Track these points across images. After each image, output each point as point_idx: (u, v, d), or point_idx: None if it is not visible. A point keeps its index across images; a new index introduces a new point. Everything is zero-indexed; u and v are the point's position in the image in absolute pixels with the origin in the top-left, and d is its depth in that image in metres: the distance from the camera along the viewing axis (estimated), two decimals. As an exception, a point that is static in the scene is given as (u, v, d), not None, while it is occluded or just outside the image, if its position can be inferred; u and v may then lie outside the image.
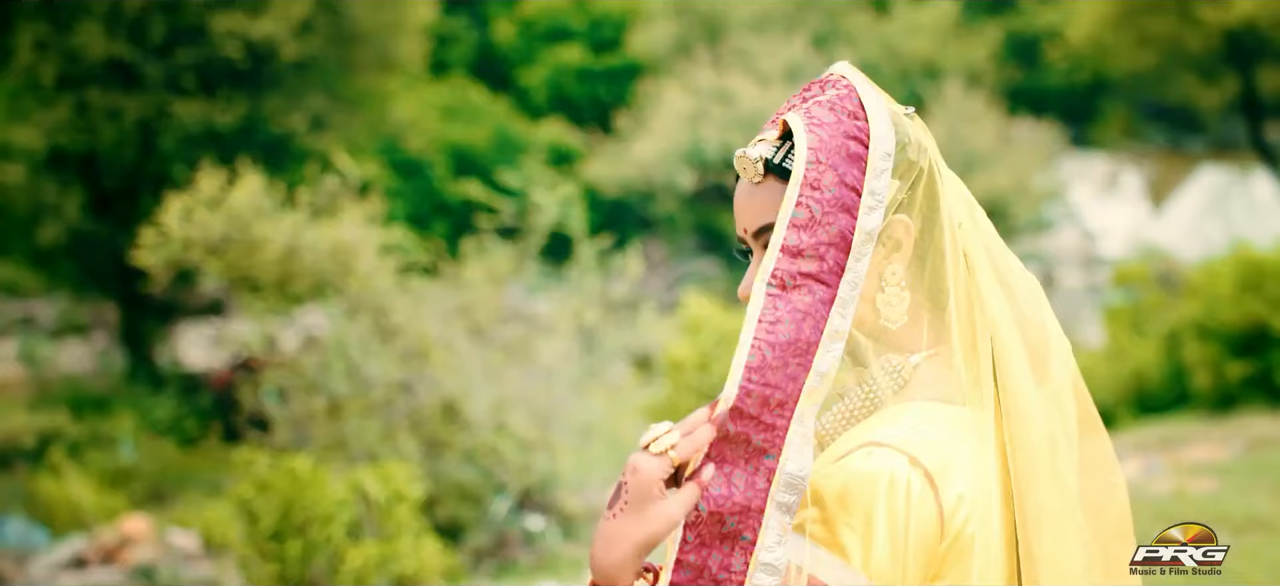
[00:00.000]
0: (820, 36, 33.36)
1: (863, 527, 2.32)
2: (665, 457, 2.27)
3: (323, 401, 14.19)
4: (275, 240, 14.02)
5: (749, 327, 2.34)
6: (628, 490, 2.27)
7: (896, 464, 2.35)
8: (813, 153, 2.40)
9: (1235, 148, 38.35)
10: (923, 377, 2.51)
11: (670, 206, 31.78)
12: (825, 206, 2.38)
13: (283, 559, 11.46)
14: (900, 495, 2.33)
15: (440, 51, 36.06)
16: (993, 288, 2.55)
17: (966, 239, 2.55)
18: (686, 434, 2.29)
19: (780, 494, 2.32)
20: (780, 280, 2.36)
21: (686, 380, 16.08)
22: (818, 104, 2.49)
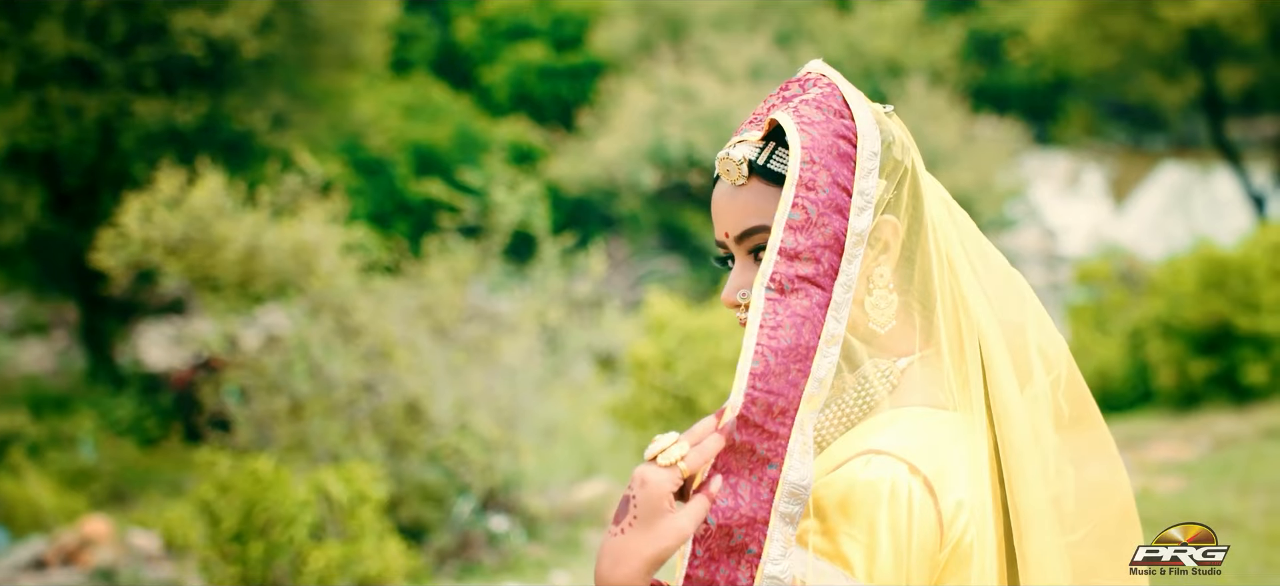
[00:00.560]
0: (783, 34, 33.34)
1: (866, 538, 2.29)
2: (675, 470, 2.22)
3: (285, 401, 14.10)
4: (236, 240, 13.95)
5: (751, 333, 2.31)
6: (636, 504, 2.22)
7: (897, 472, 2.32)
8: (806, 152, 2.37)
9: (1196, 145, 38.49)
10: (912, 381, 2.48)
11: (633, 205, 31.73)
12: (820, 207, 2.35)
13: (244, 560, 11.36)
14: (902, 504, 2.30)
15: (402, 50, 35.96)
16: (975, 289, 2.52)
17: (946, 239, 2.51)
18: (694, 444, 2.24)
19: (783, 504, 2.28)
20: (779, 283, 2.33)
21: (650, 379, 16.04)
22: (804, 102, 2.45)
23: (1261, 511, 11.66)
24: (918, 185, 2.50)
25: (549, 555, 13.98)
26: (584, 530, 14.77)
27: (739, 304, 2.49)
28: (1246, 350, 18.22)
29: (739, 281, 2.49)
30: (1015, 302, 2.59)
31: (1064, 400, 2.60)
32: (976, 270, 2.54)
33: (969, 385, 2.48)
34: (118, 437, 21.98)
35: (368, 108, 30.57)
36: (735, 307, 2.50)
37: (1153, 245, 31.36)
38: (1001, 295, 2.58)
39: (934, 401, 2.46)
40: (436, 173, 28.74)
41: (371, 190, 32.27)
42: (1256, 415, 16.74)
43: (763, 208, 2.43)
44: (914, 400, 2.45)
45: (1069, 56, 34.26)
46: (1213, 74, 32.16)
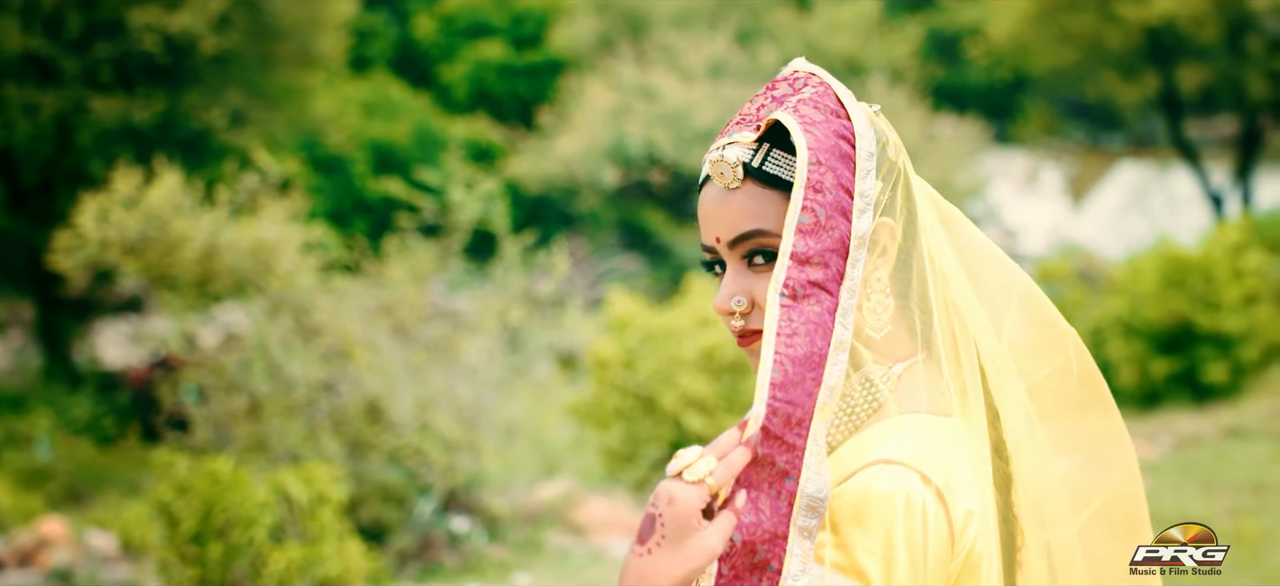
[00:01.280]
0: (743, 33, 33.32)
1: (882, 550, 2.23)
2: (703, 486, 2.15)
3: (243, 401, 14.02)
4: (194, 238, 13.86)
5: (769, 342, 2.25)
6: (664, 523, 2.14)
7: (911, 483, 2.27)
8: (813, 153, 2.32)
9: (1153, 144, 38.66)
10: (909, 386, 2.43)
11: (593, 203, 31.68)
12: (827, 210, 2.31)
13: (203, 562, 11.28)
14: (917, 515, 2.25)
15: (360, 47, 35.82)
16: (967, 290, 2.49)
17: (938, 240, 2.48)
18: (720, 459, 2.18)
19: (801, 518, 2.22)
20: (792, 289, 2.28)
21: (611, 378, 15.98)
22: (803, 102, 2.39)
23: (1227, 511, 11.68)
24: (910, 187, 2.46)
25: (511, 556, 13.93)
26: (546, 530, 14.72)
27: (734, 311, 2.43)
28: (1207, 349, 18.28)
29: (733, 287, 2.43)
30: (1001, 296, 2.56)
31: (1075, 386, 2.60)
32: (971, 269, 2.51)
33: (966, 389, 2.44)
34: (74, 437, 21.82)
35: (326, 105, 30.44)
36: (729, 315, 2.44)
37: (1111, 244, 31.45)
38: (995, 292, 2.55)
39: (932, 407, 2.41)
40: (395, 171, 28.61)
41: (329, 188, 32.14)
42: (1218, 414, 16.80)
43: (758, 211, 2.38)
44: (913, 406, 2.41)
45: (1028, 55, 34.34)
46: (1171, 73, 32.28)
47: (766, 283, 2.37)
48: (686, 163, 29.68)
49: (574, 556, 13.88)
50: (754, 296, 2.40)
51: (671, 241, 30.51)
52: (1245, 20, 30.43)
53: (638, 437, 15.90)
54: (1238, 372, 18.39)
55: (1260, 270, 19.30)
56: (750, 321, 2.42)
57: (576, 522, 15.02)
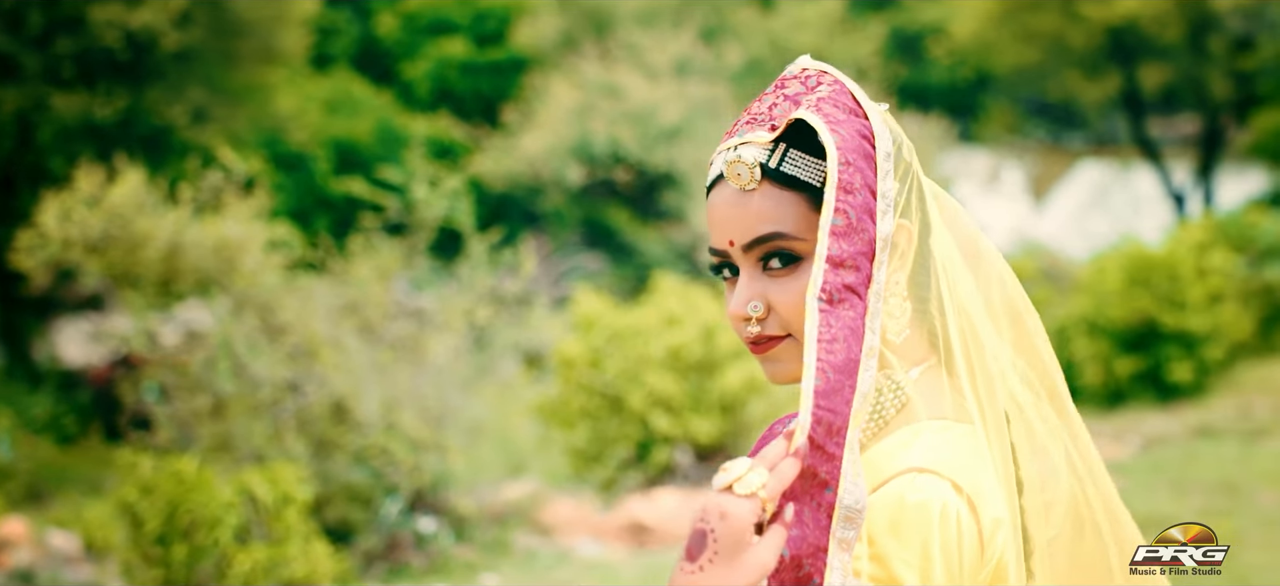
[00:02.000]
0: (708, 30, 33.32)
1: (919, 561, 2.19)
2: (756, 499, 2.08)
3: (207, 400, 13.93)
4: (158, 237, 13.77)
5: (811, 349, 2.18)
6: (717, 539, 2.06)
7: (945, 492, 2.23)
8: (841, 153, 2.27)
9: (1114, 143, 38.75)
10: (925, 391, 2.38)
11: (557, 201, 31.63)
12: (857, 212, 2.26)
13: (168, 563, 11.20)
14: (952, 525, 2.21)
15: (322, 44, 35.67)
16: (972, 292, 2.45)
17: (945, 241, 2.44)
18: (769, 470, 2.11)
19: (840, 529, 2.16)
20: (828, 294, 2.22)
21: (577, 378, 15.93)
22: (823, 101, 2.34)
23: (1198, 511, 11.68)
24: (922, 187, 2.42)
25: (478, 556, 13.87)
26: (513, 531, 14.67)
27: (750, 316, 2.36)
28: (1171, 348, 18.30)
29: (749, 292, 2.36)
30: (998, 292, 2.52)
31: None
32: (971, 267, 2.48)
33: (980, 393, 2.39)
34: (34, 435, 21.65)
35: (288, 103, 30.31)
36: (744, 321, 2.37)
37: (1073, 242, 31.47)
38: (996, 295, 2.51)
39: (947, 412, 2.37)
40: (357, 168, 28.52)
41: (291, 186, 31.99)
42: (1184, 414, 16.81)
43: (776, 213, 2.32)
44: (933, 410, 2.37)
45: (991, 54, 34.41)
46: (1133, 72, 32.38)
47: (782, 287, 2.33)
48: (651, 161, 29.66)
49: (541, 557, 13.82)
50: (770, 301, 2.34)
51: (636, 240, 30.47)
52: (1207, 20, 30.55)
53: (604, 437, 15.86)
54: (1203, 372, 18.41)
55: (1225, 269, 19.32)
56: (766, 327, 2.36)
57: (543, 523, 14.97)
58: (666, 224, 30.79)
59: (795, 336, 2.34)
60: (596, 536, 14.57)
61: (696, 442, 15.76)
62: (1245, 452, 14.33)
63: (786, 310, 2.32)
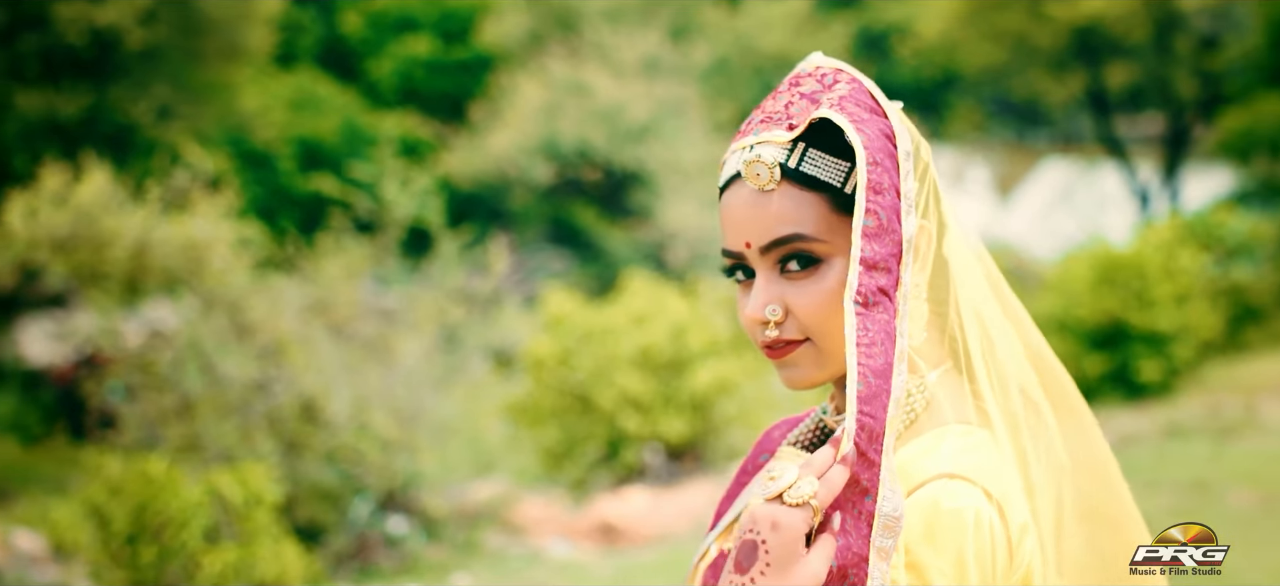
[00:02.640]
0: (675, 29, 33.32)
1: (954, 569, 2.14)
2: (808, 508, 2.03)
3: (174, 400, 13.83)
4: (125, 236, 13.67)
5: (851, 354, 2.12)
6: (768, 550, 2.01)
7: (977, 499, 2.18)
8: (869, 153, 2.20)
9: (1079, 141, 38.88)
10: (944, 395, 2.33)
11: (525, 199, 31.59)
12: (887, 213, 2.19)
13: (136, 564, 11.11)
14: (985, 532, 2.17)
15: (287, 42, 35.55)
16: (984, 292, 2.41)
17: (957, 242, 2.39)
18: (819, 477, 2.06)
19: (879, 538, 2.09)
20: (863, 297, 2.16)
21: (547, 377, 15.89)
22: (844, 99, 2.27)
23: (1169, 511, 11.65)
24: (937, 188, 2.36)
25: (449, 557, 13.81)
26: (483, 530, 14.61)
27: (768, 320, 2.29)
28: (1139, 347, 18.32)
29: (767, 295, 2.29)
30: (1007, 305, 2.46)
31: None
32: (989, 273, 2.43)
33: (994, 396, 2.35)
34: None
35: (252, 100, 30.25)
36: (762, 325, 2.30)
37: (1039, 241, 31.56)
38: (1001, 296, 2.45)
39: (968, 416, 2.32)
40: (322, 166, 28.43)
41: (256, 183, 31.88)
42: (1153, 413, 16.82)
43: (796, 215, 2.25)
44: (952, 415, 2.31)
45: (957, 53, 34.48)
46: (1099, 71, 32.47)
47: (801, 290, 2.27)
48: (619, 159, 29.63)
49: (512, 557, 13.77)
50: (788, 304, 2.28)
51: (602, 238, 30.43)
52: (1174, 19, 30.67)
53: (574, 437, 15.82)
54: (1171, 371, 18.45)
55: (1192, 269, 19.37)
56: (784, 331, 2.29)
57: (513, 522, 14.93)
58: (634, 222, 30.78)
59: (814, 340, 2.28)
60: (567, 536, 14.54)
61: (666, 442, 15.74)
62: (1216, 452, 14.33)
63: (805, 313, 2.26)
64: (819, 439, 2.50)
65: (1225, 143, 30.42)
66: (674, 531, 14.29)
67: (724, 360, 16.17)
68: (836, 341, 2.25)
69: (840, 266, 2.24)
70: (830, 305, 2.24)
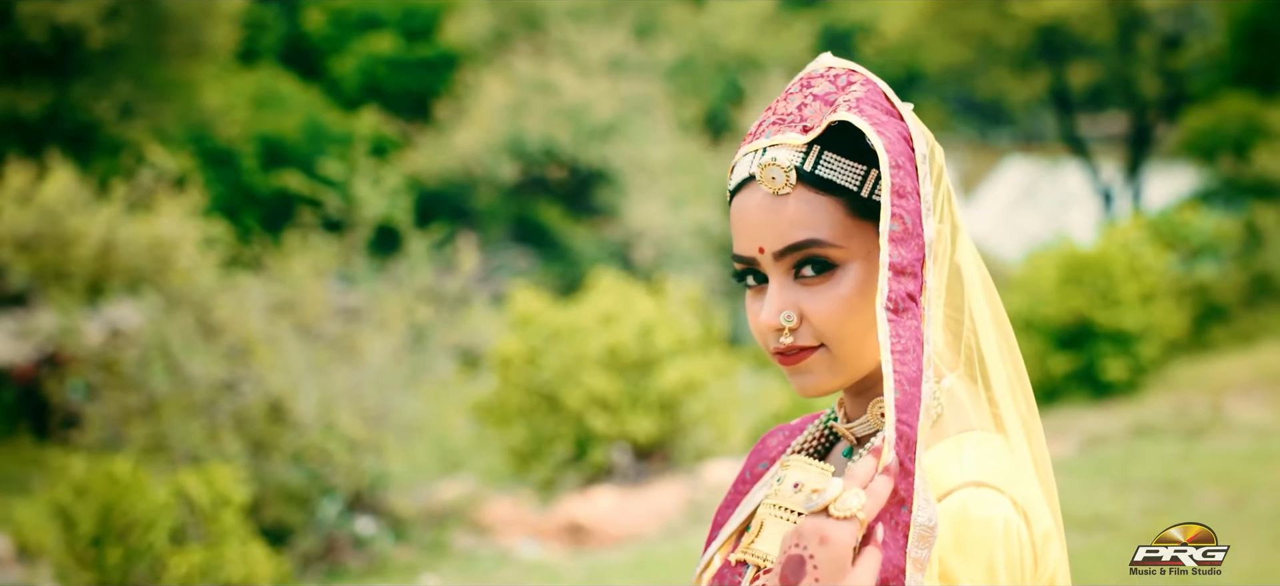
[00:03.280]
0: (640, 27, 33.31)
1: (984, 578, 2.11)
2: (855, 521, 1.95)
3: (139, 399, 13.74)
4: (90, 235, 13.58)
5: (887, 362, 2.07)
6: (817, 565, 1.94)
7: (1005, 507, 2.14)
8: (891, 157, 2.15)
9: (1041, 140, 38.99)
10: (958, 401, 2.29)
11: (490, 198, 31.54)
12: (912, 217, 2.14)
13: (102, 566, 11.04)
14: (1015, 541, 2.13)
15: (250, 39, 35.42)
16: (994, 296, 2.37)
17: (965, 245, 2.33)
18: (863, 488, 1.99)
19: (914, 549, 2.04)
20: (894, 303, 2.11)
21: (515, 377, 15.83)
22: (862, 101, 2.22)
23: (1139, 510, 11.68)
24: (950, 191, 2.31)
25: (417, 557, 13.75)
26: (451, 531, 14.55)
27: (783, 327, 2.24)
28: (1105, 346, 18.36)
29: (781, 302, 2.24)
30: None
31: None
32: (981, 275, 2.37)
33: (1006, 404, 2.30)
34: (-42, 434, 21.41)
35: (215, 98, 30.13)
36: (776, 332, 2.25)
37: (1002, 240, 31.61)
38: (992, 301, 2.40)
39: (980, 423, 2.28)
40: (285, 164, 28.33)
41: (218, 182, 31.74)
42: (1121, 412, 16.86)
43: (812, 219, 2.20)
44: (968, 422, 2.27)
45: (920, 52, 34.54)
46: (1062, 70, 32.57)
47: (816, 296, 2.22)
48: (585, 157, 29.60)
49: (481, 558, 13.72)
50: (802, 310, 2.23)
51: (567, 237, 30.40)
52: (1137, 18, 30.78)
53: (541, 436, 15.77)
54: (1137, 370, 18.49)
55: (1158, 268, 19.42)
56: (799, 337, 2.24)
57: (481, 522, 14.87)
58: (599, 221, 30.75)
59: (830, 346, 2.24)
60: (534, 536, 14.49)
61: (634, 441, 15.70)
62: (1186, 451, 14.37)
63: (820, 320, 2.22)
64: (826, 446, 2.45)
65: (1189, 142, 30.54)
66: (643, 531, 14.26)
67: (691, 359, 16.15)
68: (852, 347, 2.22)
69: (856, 271, 2.21)
70: (846, 311, 2.20)
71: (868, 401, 2.32)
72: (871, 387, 2.31)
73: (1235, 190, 27.13)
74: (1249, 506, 12.06)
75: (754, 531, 2.33)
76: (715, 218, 27.99)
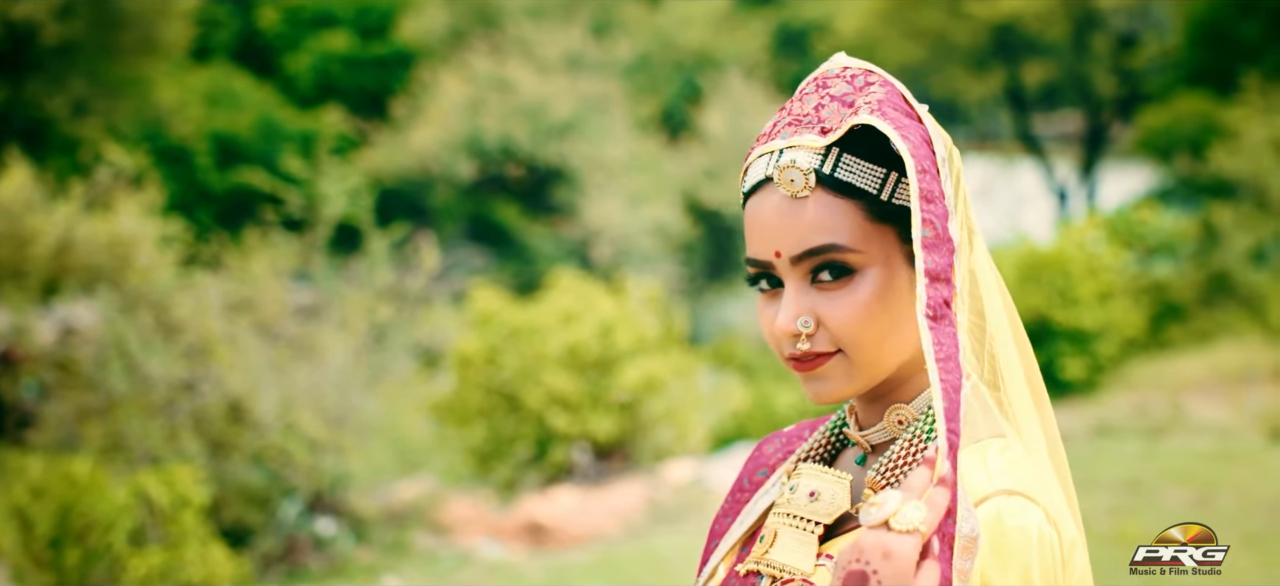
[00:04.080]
0: (597, 25, 33.29)
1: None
2: (917, 535, 1.89)
3: (97, 399, 13.64)
4: (48, 233, 13.47)
5: (933, 370, 2.03)
6: (880, 580, 1.88)
7: (1038, 515, 2.11)
8: (917, 161, 2.11)
9: (996, 139, 39.12)
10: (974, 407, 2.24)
11: (446, 196, 31.47)
12: (941, 221, 2.10)
13: (60, 567, 10.98)
14: (1049, 550, 2.10)
15: (203, 36, 35.25)
16: (1010, 302, 2.33)
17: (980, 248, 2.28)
18: (920, 500, 1.93)
19: (959, 561, 1.99)
20: (933, 310, 2.06)
21: (474, 376, 15.78)
22: (883, 103, 2.19)
23: (1105, 510, 11.71)
24: (966, 193, 2.26)
25: (378, 558, 13.68)
26: (411, 531, 14.49)
27: (800, 332, 2.20)
28: (1063, 344, 18.42)
29: (798, 307, 2.19)
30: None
31: None
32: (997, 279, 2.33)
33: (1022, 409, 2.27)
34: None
35: (168, 95, 29.98)
36: (793, 337, 2.21)
37: (958, 238, 31.66)
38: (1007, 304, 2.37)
39: (996, 429, 2.24)
40: (239, 162, 28.21)
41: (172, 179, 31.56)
42: (1080, 411, 16.92)
43: (831, 223, 2.16)
44: (982, 429, 2.23)
45: (876, 50, 34.57)
46: (1016, 69, 32.70)
47: (833, 301, 2.18)
48: (543, 155, 29.57)
49: (442, 558, 13.67)
50: (820, 316, 2.19)
51: (523, 235, 30.36)
52: (1092, 18, 30.93)
53: (501, 435, 15.72)
54: (1095, 369, 18.55)
55: (1115, 266, 19.49)
56: (815, 343, 2.20)
57: (440, 523, 14.81)
58: (557, 219, 30.73)
59: (847, 352, 2.20)
60: (494, 536, 14.44)
61: (595, 441, 15.66)
62: (1148, 451, 14.44)
63: (838, 325, 2.18)
64: (834, 452, 2.40)
65: (1145, 141, 30.69)
66: (603, 531, 14.23)
67: (651, 358, 16.12)
68: (870, 354, 2.19)
69: (874, 276, 2.17)
70: (865, 316, 2.17)
71: (884, 408, 2.29)
72: (887, 394, 2.28)
73: (1191, 189, 27.26)
74: (1213, 506, 12.11)
75: (767, 541, 2.30)
76: (673, 216, 28.00)
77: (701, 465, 15.83)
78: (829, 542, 2.24)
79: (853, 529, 2.23)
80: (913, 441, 2.22)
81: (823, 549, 2.24)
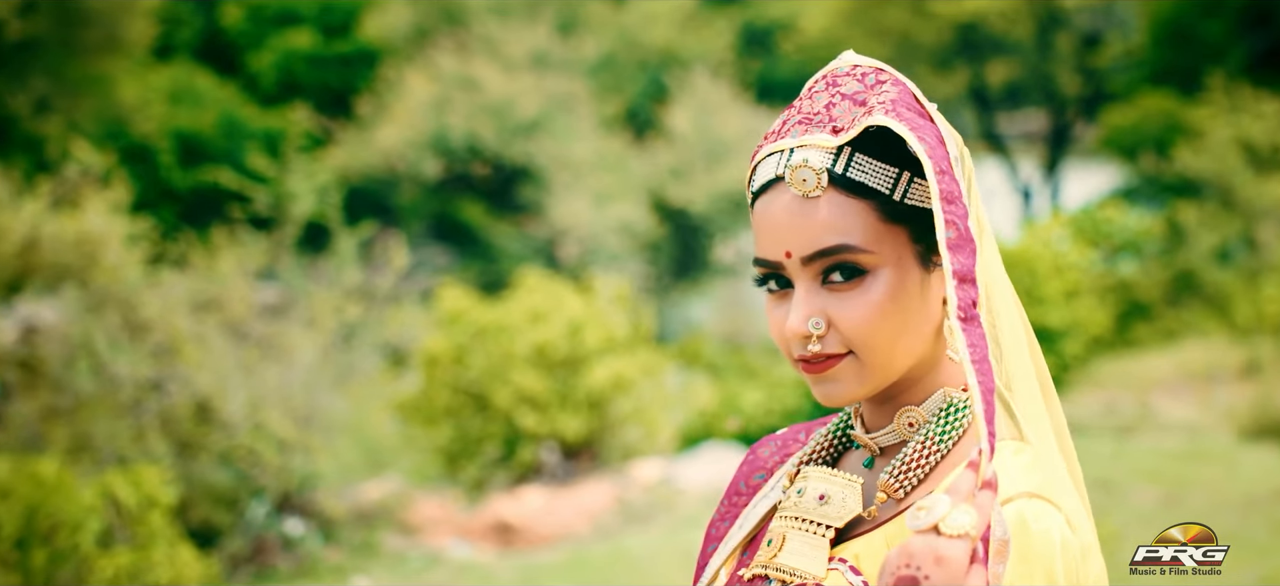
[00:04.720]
0: (562, 23, 33.27)
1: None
2: (967, 540, 1.87)
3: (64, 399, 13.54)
4: (14, 231, 13.38)
5: (971, 373, 2.02)
6: (932, 585, 1.86)
7: (1060, 520, 2.09)
8: (935, 162, 2.11)
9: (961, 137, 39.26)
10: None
11: (412, 195, 31.41)
12: (963, 222, 2.09)
13: (26, 569, 10.89)
14: (1070, 554, 2.08)
15: (166, 34, 35.11)
16: (1018, 303, 2.33)
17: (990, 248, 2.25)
18: (968, 503, 1.90)
19: (995, 564, 1.98)
20: (964, 312, 2.05)
21: (442, 375, 15.73)
22: (896, 102, 2.18)
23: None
24: (977, 193, 2.24)
25: (346, 558, 13.64)
26: (379, 531, 14.44)
27: (811, 334, 2.17)
28: (1031, 344, 18.43)
29: (809, 308, 2.17)
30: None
31: None
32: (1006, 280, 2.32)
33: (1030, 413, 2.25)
34: None
35: (131, 93, 29.86)
36: (804, 339, 2.18)
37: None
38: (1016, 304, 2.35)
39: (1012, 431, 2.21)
40: (203, 161, 28.12)
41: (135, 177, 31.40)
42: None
43: (843, 224, 2.14)
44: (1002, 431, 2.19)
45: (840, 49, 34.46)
46: (981, 68, 32.78)
47: (844, 302, 2.16)
48: (509, 154, 29.53)
49: (411, 559, 13.64)
50: (830, 317, 2.16)
51: (489, 234, 30.31)
52: (1055, 17, 31.04)
53: (469, 435, 15.68)
54: (1062, 367, 18.56)
55: (1081, 264, 19.51)
56: (826, 345, 2.18)
57: (408, 523, 14.78)
58: (523, 218, 30.70)
59: (858, 354, 2.17)
60: (463, 536, 14.41)
61: (563, 440, 15.64)
62: (1118, 450, 14.48)
63: (849, 327, 2.15)
64: (838, 453, 2.38)
65: (1109, 140, 30.80)
66: (572, 530, 14.22)
67: (620, 358, 16.10)
68: (881, 355, 2.17)
69: (886, 277, 2.15)
70: (877, 318, 2.15)
71: (893, 410, 2.26)
72: (896, 396, 2.26)
73: (1156, 188, 27.35)
74: (1183, 504, 12.15)
75: (776, 545, 2.27)
76: (639, 215, 27.99)
77: (670, 464, 15.82)
78: (840, 546, 2.21)
79: (864, 533, 2.20)
80: (925, 444, 2.20)
81: (834, 552, 2.21)
